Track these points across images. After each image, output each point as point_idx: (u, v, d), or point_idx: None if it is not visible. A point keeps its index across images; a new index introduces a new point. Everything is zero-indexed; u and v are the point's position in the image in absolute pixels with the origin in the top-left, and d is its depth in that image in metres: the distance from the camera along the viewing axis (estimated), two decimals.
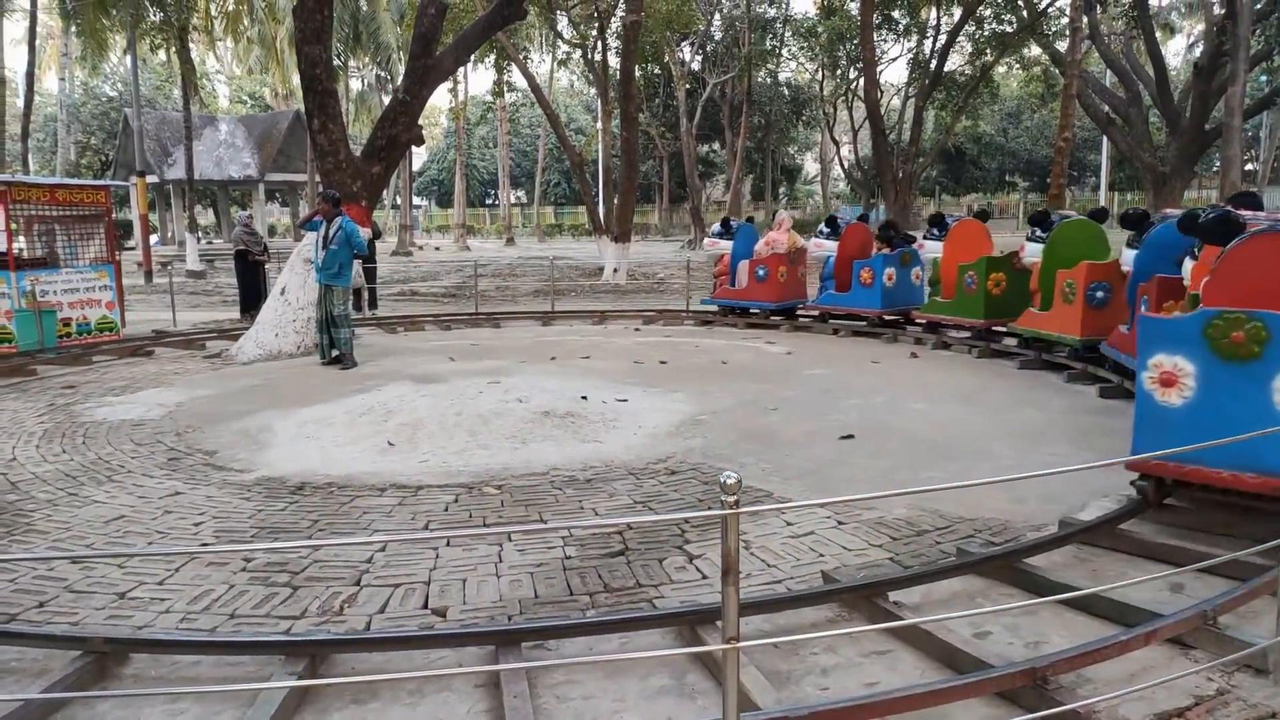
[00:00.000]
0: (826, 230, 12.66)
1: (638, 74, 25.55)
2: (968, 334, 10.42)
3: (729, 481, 2.10)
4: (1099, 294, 8.27)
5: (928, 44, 30.03)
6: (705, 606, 3.39)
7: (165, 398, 8.16)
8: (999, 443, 6.16)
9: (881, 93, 28.45)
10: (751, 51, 34.58)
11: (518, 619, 3.53)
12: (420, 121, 12.21)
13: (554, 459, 5.87)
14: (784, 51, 38.57)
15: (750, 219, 17.14)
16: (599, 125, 31.78)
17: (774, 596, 3.59)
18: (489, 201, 64.31)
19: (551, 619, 3.45)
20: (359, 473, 5.65)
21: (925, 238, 11.31)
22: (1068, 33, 20.88)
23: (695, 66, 39.29)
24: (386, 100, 43.13)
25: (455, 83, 31.85)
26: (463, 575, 3.99)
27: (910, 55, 32.61)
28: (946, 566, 3.86)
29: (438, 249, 41.25)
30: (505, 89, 28.63)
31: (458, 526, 4.63)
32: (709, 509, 4.81)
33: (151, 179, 30.12)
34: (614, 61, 27.56)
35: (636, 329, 12.91)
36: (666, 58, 35.79)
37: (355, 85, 42.90)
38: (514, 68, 26.41)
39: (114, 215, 13.72)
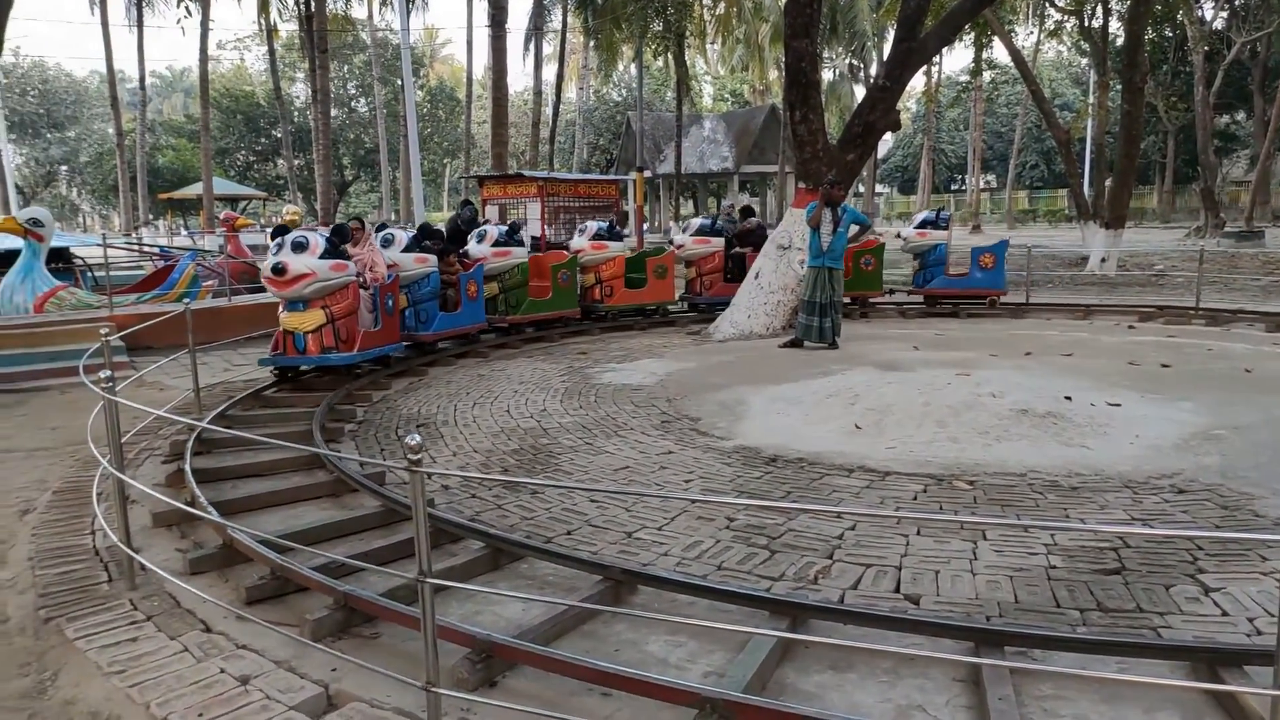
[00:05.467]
0: None
1: (1145, 37, 22.51)
2: None
3: None
4: None
5: None
6: (1231, 646, 2.93)
7: (656, 367, 9.15)
8: None
9: None
10: None
11: (996, 621, 3.37)
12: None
13: (1032, 460, 5.47)
14: None
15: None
16: (1091, 99, 28.60)
17: None
18: (955, 187, 61.65)
19: (1038, 627, 3.23)
20: (827, 451, 5.81)
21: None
22: None
23: (1218, 25, 33.52)
24: (858, 89, 43.45)
25: (930, 64, 30.94)
26: (935, 567, 3.91)
27: None
28: None
29: (898, 235, 40.56)
30: (985, 67, 27.04)
31: (931, 514, 4.55)
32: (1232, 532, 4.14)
33: (646, 174, 33.84)
34: (1115, 26, 24.63)
35: (1130, 326, 11.48)
36: (1181, 17, 31.02)
37: (826, 76, 43.80)
38: (995, 43, 24.88)
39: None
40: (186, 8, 27.24)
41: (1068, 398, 6.78)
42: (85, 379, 4.48)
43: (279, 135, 40.13)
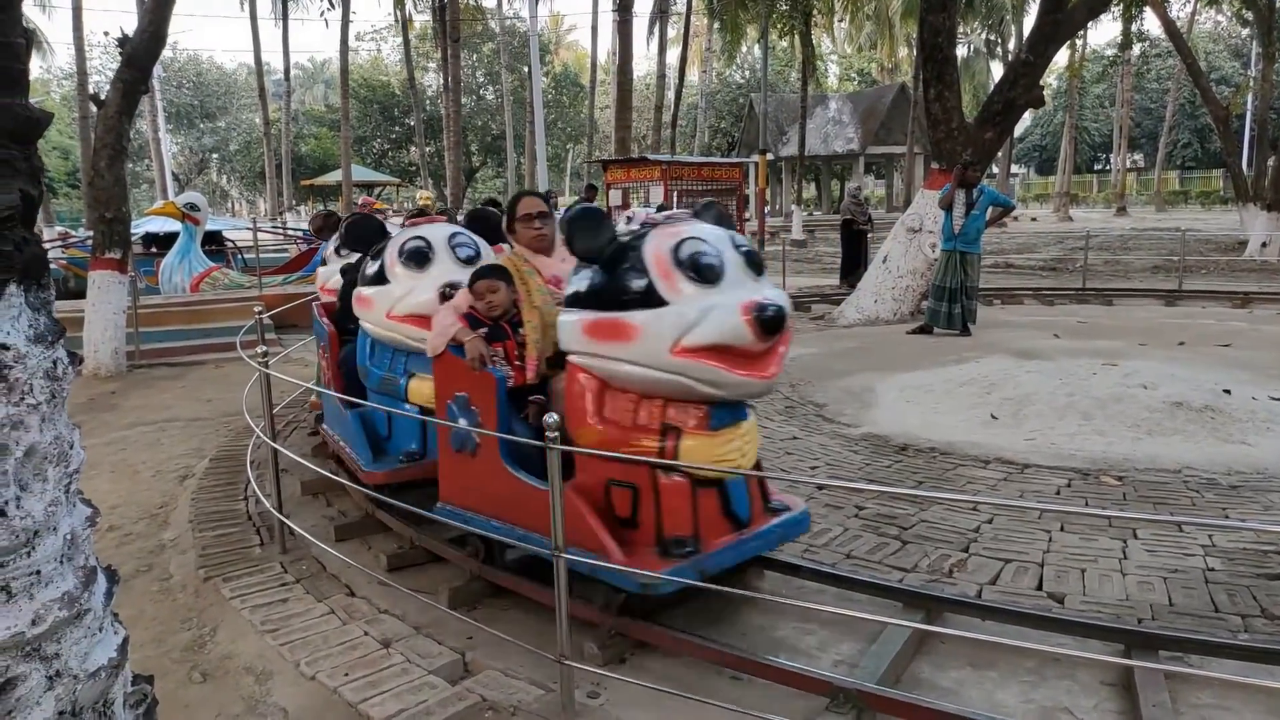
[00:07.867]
0: None
1: None
2: None
3: None
4: None
5: None
6: None
7: None
8: None
9: None
10: None
11: (1149, 623, 3.18)
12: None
13: (1187, 456, 5.13)
14: None
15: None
16: (1254, 72, 26.42)
17: None
18: (1097, 167, 58.37)
19: (1195, 632, 3.03)
20: (960, 441, 5.61)
21: None
22: None
23: None
24: (994, 66, 41.57)
25: (1075, 37, 29.27)
26: (1081, 565, 3.71)
27: None
28: None
29: (1034, 219, 38.73)
30: (1135, 39, 25.36)
31: (1076, 509, 4.33)
32: None
33: (768, 156, 33.38)
34: None
35: None
36: None
37: (960, 52, 42.07)
38: (1147, 14, 23.30)
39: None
40: (330, 0, 28.44)
41: (1227, 391, 6.32)
42: (242, 353, 4.76)
43: (412, 123, 41.53)
